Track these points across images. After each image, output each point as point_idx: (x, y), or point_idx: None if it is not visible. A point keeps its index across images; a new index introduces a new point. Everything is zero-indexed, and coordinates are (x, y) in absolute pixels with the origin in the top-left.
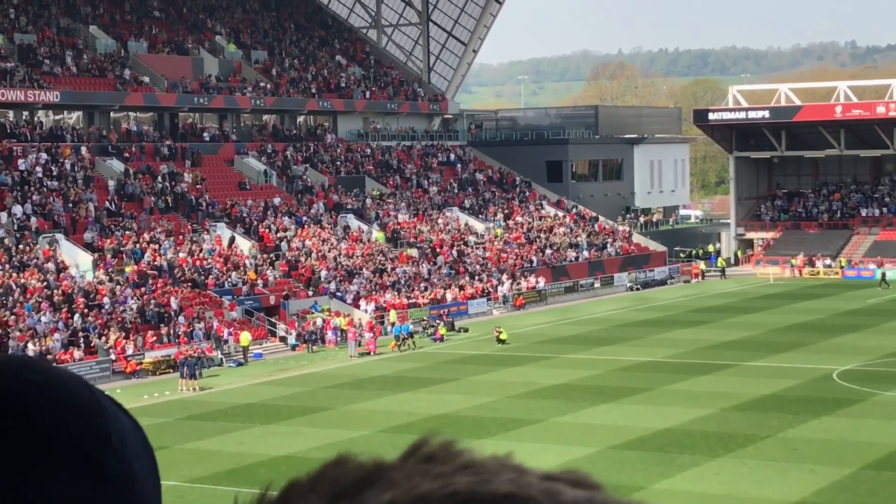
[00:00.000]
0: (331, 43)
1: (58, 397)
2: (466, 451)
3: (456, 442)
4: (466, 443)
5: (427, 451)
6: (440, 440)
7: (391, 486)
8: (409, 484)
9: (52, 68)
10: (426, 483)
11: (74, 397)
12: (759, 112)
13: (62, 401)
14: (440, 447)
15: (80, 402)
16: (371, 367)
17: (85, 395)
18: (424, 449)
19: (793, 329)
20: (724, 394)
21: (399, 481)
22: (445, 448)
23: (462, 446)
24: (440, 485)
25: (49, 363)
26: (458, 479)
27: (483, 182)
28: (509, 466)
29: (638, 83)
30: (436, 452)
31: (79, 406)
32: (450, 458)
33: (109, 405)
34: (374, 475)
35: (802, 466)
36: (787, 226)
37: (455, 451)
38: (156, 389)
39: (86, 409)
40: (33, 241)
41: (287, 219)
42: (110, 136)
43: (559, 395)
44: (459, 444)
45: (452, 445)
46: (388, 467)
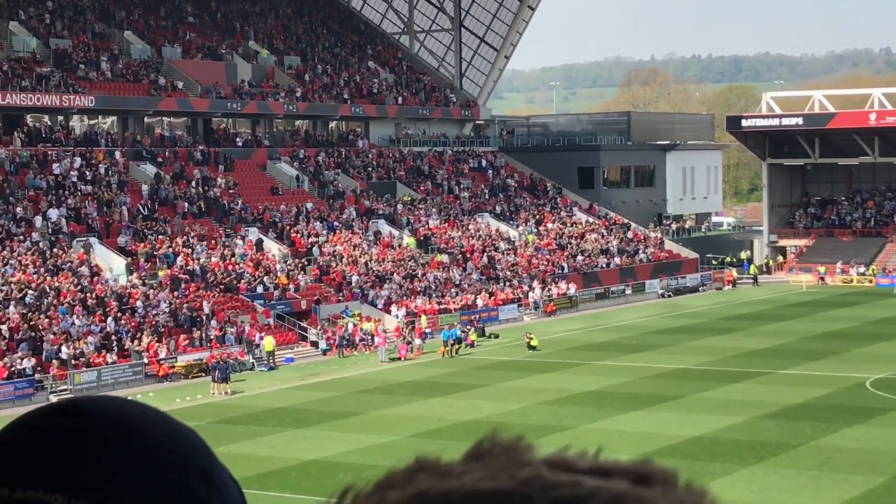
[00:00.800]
0: (363, 49)
1: (171, 433)
2: (523, 448)
3: (512, 440)
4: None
5: (478, 451)
6: (492, 438)
7: (401, 487)
8: (412, 485)
9: (87, 73)
10: (428, 483)
11: (186, 437)
12: (793, 119)
13: (175, 436)
14: (491, 445)
15: (190, 442)
16: (402, 372)
17: (195, 439)
18: (475, 448)
19: (826, 337)
20: (756, 402)
21: (408, 483)
22: (496, 446)
23: (521, 444)
24: (428, 486)
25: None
26: (453, 480)
27: (514, 188)
28: (556, 462)
29: (671, 89)
30: (486, 451)
31: (189, 445)
32: (500, 455)
33: (218, 460)
34: (397, 476)
35: (835, 475)
36: (821, 233)
37: (509, 448)
38: (188, 393)
39: (195, 448)
40: (67, 245)
41: (319, 224)
42: (144, 140)
43: (590, 401)
44: (517, 442)
45: (503, 443)
46: (411, 469)
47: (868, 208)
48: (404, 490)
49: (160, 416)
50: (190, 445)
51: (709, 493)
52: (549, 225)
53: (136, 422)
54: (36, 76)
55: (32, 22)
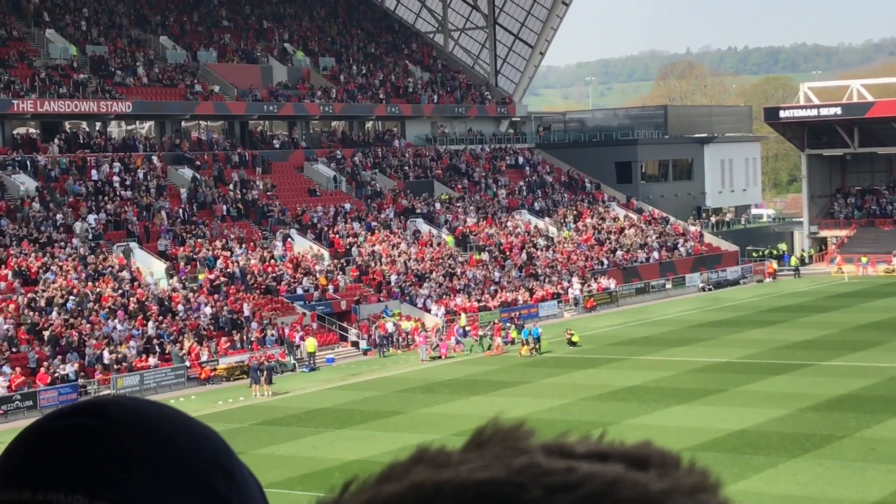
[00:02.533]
0: (398, 48)
1: (192, 432)
2: (523, 434)
3: (513, 427)
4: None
5: (478, 439)
6: (493, 425)
7: (399, 479)
8: (408, 477)
9: (124, 79)
10: (425, 474)
11: (206, 436)
12: (831, 109)
13: (195, 435)
14: (492, 433)
15: (211, 441)
16: (442, 370)
17: (216, 438)
18: (476, 436)
19: (869, 327)
20: (799, 394)
21: (406, 475)
22: (496, 434)
23: (521, 431)
24: (423, 478)
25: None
26: (449, 471)
27: (552, 184)
28: (554, 448)
29: (707, 82)
30: (486, 439)
31: (210, 443)
32: (498, 443)
33: (239, 459)
34: (398, 468)
35: (880, 466)
36: (862, 223)
37: (508, 435)
38: (230, 395)
39: (215, 446)
40: (108, 251)
41: (357, 224)
42: (182, 144)
43: (632, 397)
44: (517, 428)
45: (503, 430)
46: (410, 460)
47: None
48: (400, 482)
49: (179, 416)
50: (209, 444)
51: (710, 475)
52: (587, 220)
53: (155, 421)
54: (73, 83)
55: (69, 29)
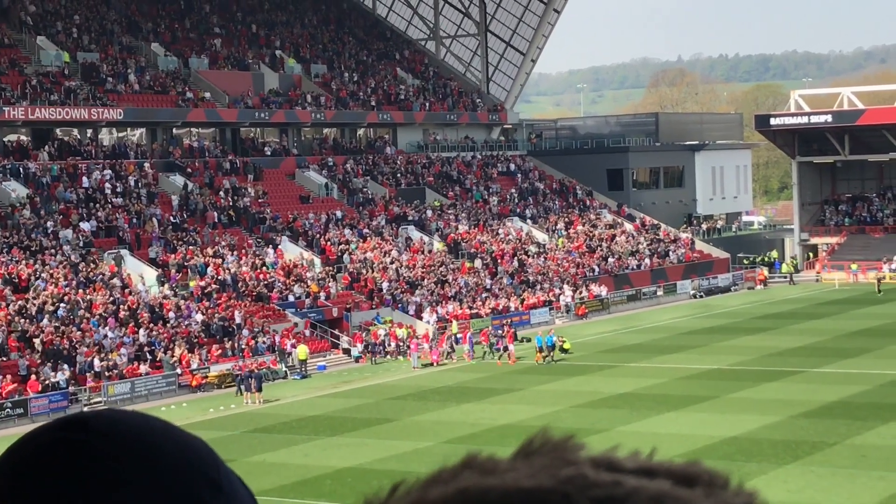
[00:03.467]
0: (390, 55)
1: (178, 443)
2: (572, 447)
3: (562, 439)
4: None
5: (527, 449)
6: (542, 436)
7: (446, 483)
8: (455, 483)
9: (115, 86)
10: (467, 481)
11: (193, 447)
12: (822, 116)
13: (182, 446)
14: (541, 444)
15: (197, 452)
16: (434, 378)
17: (202, 449)
18: (525, 446)
19: (859, 334)
20: (790, 401)
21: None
22: (545, 445)
23: (570, 443)
24: (469, 483)
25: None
26: (496, 478)
27: (543, 191)
28: (601, 461)
29: (698, 89)
30: (535, 449)
31: (196, 454)
32: (547, 453)
33: (227, 468)
34: (443, 473)
35: (871, 473)
36: (852, 230)
37: (557, 447)
38: (221, 403)
39: (201, 458)
40: (99, 258)
41: (348, 231)
42: (173, 152)
43: (623, 404)
44: (566, 441)
45: (552, 442)
46: (459, 466)
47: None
48: (447, 486)
49: (166, 427)
50: (196, 455)
51: (758, 496)
52: (578, 227)
53: (141, 433)
54: (64, 90)
55: (60, 36)
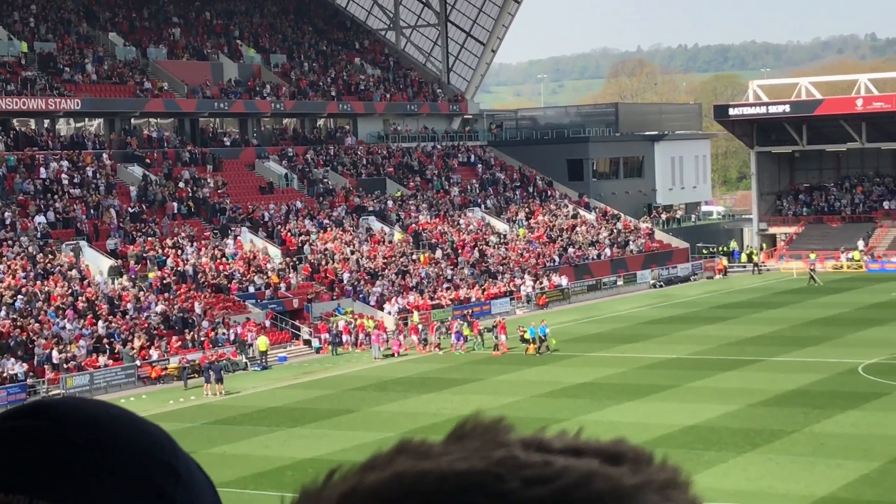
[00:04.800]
0: (350, 45)
1: (136, 431)
2: (503, 429)
3: (493, 422)
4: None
5: (459, 432)
6: (474, 420)
7: (381, 468)
8: (391, 467)
9: (73, 76)
10: (404, 465)
11: (151, 435)
12: (780, 106)
13: (140, 434)
14: (472, 427)
15: (156, 439)
16: (395, 368)
17: (161, 437)
18: (457, 430)
19: (817, 323)
20: (749, 389)
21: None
22: (476, 428)
23: (501, 425)
24: (405, 468)
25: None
26: (430, 461)
27: (504, 182)
28: (531, 442)
29: (657, 80)
30: (467, 432)
31: (154, 442)
32: (479, 436)
33: (185, 455)
34: (378, 459)
35: (829, 461)
36: (810, 220)
37: (489, 429)
38: (181, 395)
39: (160, 446)
40: (57, 249)
41: (309, 222)
42: (131, 142)
43: (584, 393)
44: (497, 423)
45: (484, 425)
46: (393, 451)
47: (857, 194)
48: (383, 471)
49: (125, 415)
50: (155, 443)
51: (681, 472)
52: (539, 218)
53: (100, 421)
54: (21, 80)
55: (17, 26)
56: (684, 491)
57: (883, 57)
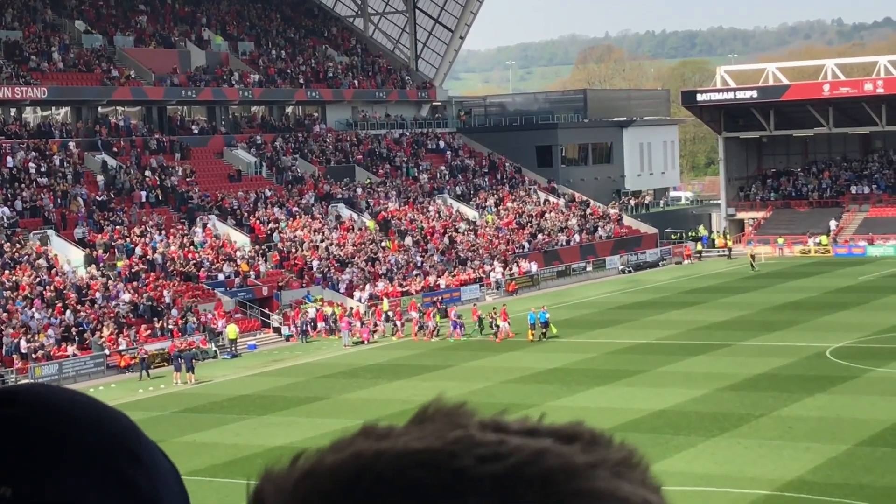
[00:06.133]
0: (318, 32)
1: (99, 417)
2: (464, 413)
3: (454, 406)
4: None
5: (421, 416)
6: (436, 404)
7: (342, 450)
8: (351, 447)
9: (39, 64)
10: (360, 446)
11: (114, 421)
12: (748, 92)
13: (103, 420)
14: (434, 411)
15: (119, 425)
16: (366, 355)
17: (124, 423)
18: (419, 414)
19: (785, 308)
20: (718, 374)
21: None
22: (438, 411)
23: (462, 409)
24: (363, 448)
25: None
26: (389, 442)
27: (473, 168)
28: (489, 424)
29: (626, 66)
30: (429, 416)
31: (117, 428)
32: (439, 419)
33: (149, 441)
34: (343, 442)
35: (798, 444)
36: (778, 205)
37: (450, 413)
38: (150, 383)
39: (123, 432)
40: (24, 238)
41: (278, 210)
42: (99, 130)
43: (554, 379)
44: (459, 407)
45: (445, 408)
46: (355, 434)
47: (824, 179)
48: (342, 452)
49: (89, 402)
50: (118, 429)
51: (637, 452)
52: (508, 204)
53: (63, 408)
54: None
55: None
56: (640, 471)
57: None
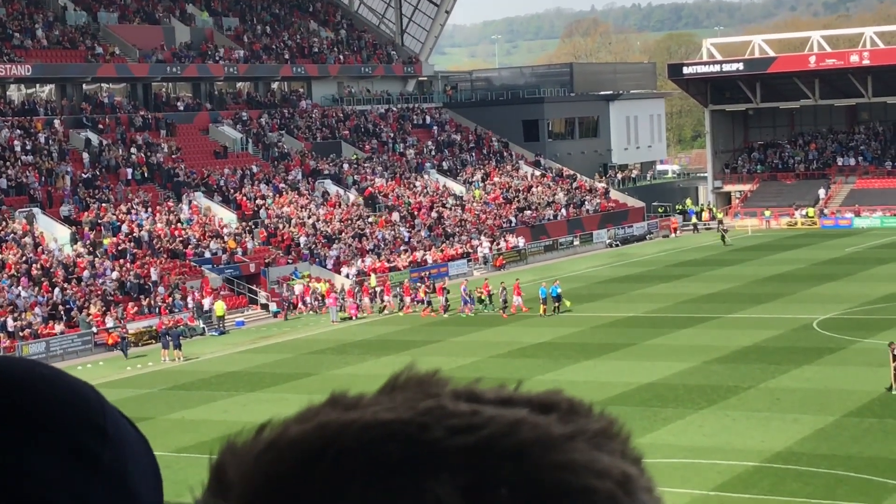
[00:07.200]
0: (303, 7)
1: (62, 390)
2: (436, 381)
3: (426, 374)
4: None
5: (392, 385)
6: (407, 372)
7: (308, 420)
8: (316, 419)
9: (23, 42)
10: (329, 417)
11: (78, 393)
12: (734, 65)
13: (66, 393)
14: (406, 380)
15: (83, 398)
16: (353, 331)
17: (89, 395)
18: (390, 382)
19: (772, 280)
20: (705, 346)
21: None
22: (409, 380)
23: (434, 378)
24: (330, 419)
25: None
26: (357, 412)
27: (460, 143)
28: (462, 393)
29: (612, 39)
30: (400, 385)
31: (81, 400)
32: (411, 388)
33: (115, 412)
34: (308, 412)
35: (785, 416)
36: (765, 177)
37: (422, 381)
38: (139, 361)
39: (87, 404)
40: (10, 216)
41: (264, 186)
42: (84, 108)
43: (542, 353)
44: (431, 376)
45: (417, 377)
46: (323, 403)
47: (811, 151)
48: (308, 422)
49: (50, 372)
50: (81, 401)
51: (618, 422)
52: (495, 179)
53: (24, 380)
54: None
55: None
56: (620, 441)
57: (835, 14)
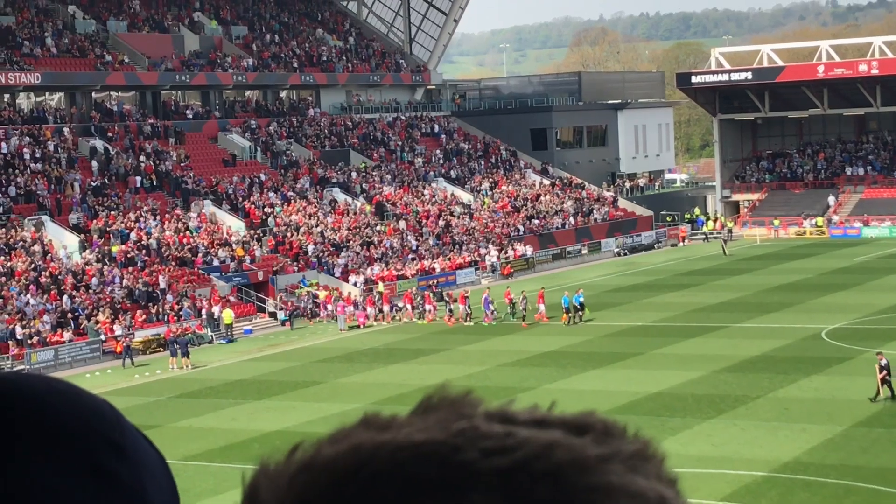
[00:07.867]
0: (311, 16)
1: (80, 406)
2: (469, 402)
3: (459, 395)
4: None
5: (425, 405)
6: (440, 393)
7: (341, 442)
8: (349, 440)
9: (32, 50)
10: (359, 437)
11: (96, 410)
12: (742, 74)
13: (84, 409)
14: (438, 400)
15: (100, 415)
16: (361, 340)
17: (107, 412)
18: (423, 403)
19: (781, 289)
20: (714, 356)
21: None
22: (443, 401)
23: (467, 398)
24: (362, 440)
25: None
26: (390, 433)
27: (468, 152)
28: (495, 414)
29: (620, 48)
30: (433, 405)
31: (99, 417)
32: (444, 409)
33: (132, 429)
34: (340, 433)
35: (794, 426)
36: (773, 186)
37: (454, 402)
38: (147, 369)
39: (105, 421)
40: (19, 224)
41: (273, 194)
42: (93, 116)
43: (550, 362)
44: (464, 396)
45: (450, 398)
46: (356, 424)
47: (819, 160)
48: (341, 444)
49: (69, 389)
50: (98, 418)
51: (653, 444)
52: (503, 188)
53: (42, 397)
54: None
55: None
56: (655, 464)
57: (844, 23)
